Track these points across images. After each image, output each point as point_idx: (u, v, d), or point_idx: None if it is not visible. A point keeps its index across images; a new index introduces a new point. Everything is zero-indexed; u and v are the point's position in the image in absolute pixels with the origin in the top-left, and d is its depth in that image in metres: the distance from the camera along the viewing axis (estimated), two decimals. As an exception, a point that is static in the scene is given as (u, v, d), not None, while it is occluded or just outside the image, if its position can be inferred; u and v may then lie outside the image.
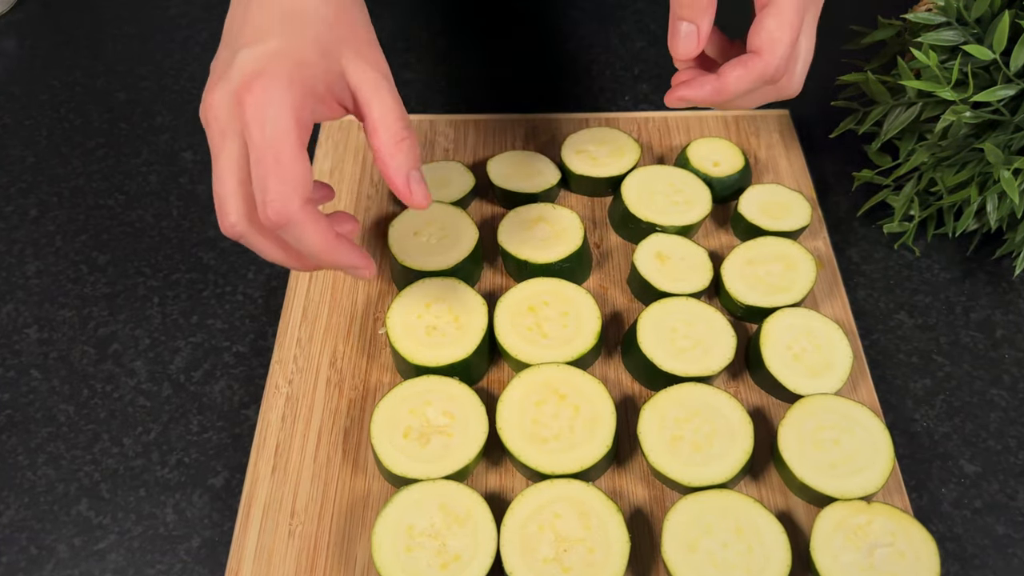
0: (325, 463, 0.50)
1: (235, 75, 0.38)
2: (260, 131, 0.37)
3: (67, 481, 0.51)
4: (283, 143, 0.37)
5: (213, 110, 0.39)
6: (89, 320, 0.59)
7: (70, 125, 0.72)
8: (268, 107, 0.37)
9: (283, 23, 0.40)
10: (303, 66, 0.39)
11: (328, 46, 0.41)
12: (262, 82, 0.38)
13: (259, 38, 0.39)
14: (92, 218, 0.65)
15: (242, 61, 0.39)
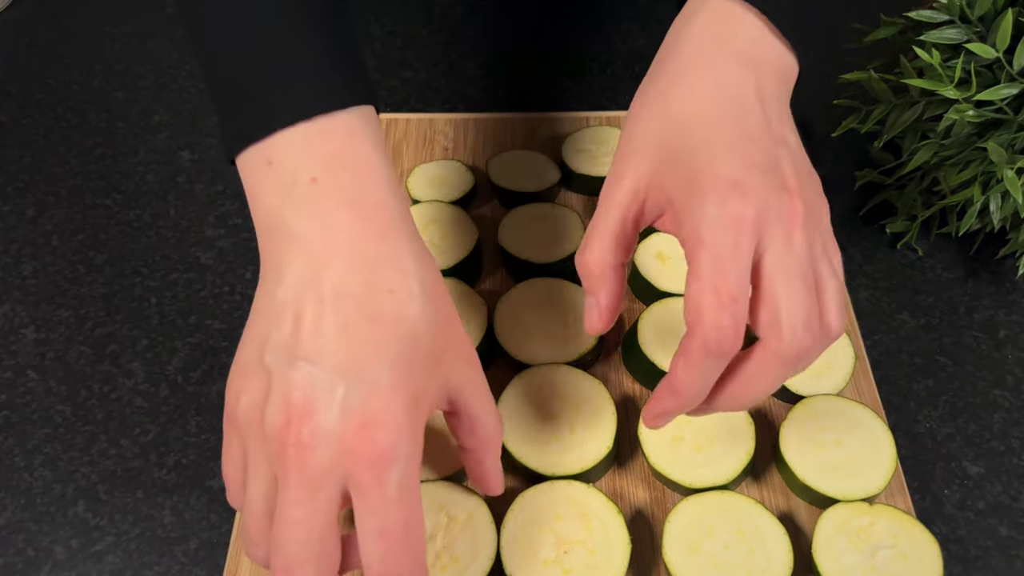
0: (324, 464, 0.50)
1: (340, 414, 0.31)
2: (382, 496, 0.31)
3: (64, 482, 0.51)
4: (410, 508, 0.32)
5: (308, 450, 0.31)
6: (86, 320, 0.59)
7: (67, 124, 0.72)
8: (394, 465, 0.31)
9: (390, 341, 0.33)
10: (419, 401, 0.33)
11: (435, 357, 0.34)
12: (385, 433, 0.31)
13: (364, 363, 0.32)
14: (89, 217, 0.65)
15: (351, 398, 0.32)
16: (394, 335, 0.33)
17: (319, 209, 0.34)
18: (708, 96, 0.37)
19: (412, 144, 0.67)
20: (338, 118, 0.35)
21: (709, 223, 0.34)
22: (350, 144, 0.35)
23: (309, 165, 0.34)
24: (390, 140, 0.68)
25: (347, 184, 0.34)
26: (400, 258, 0.34)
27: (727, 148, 0.36)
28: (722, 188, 0.34)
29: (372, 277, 0.33)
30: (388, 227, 0.35)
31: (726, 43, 0.38)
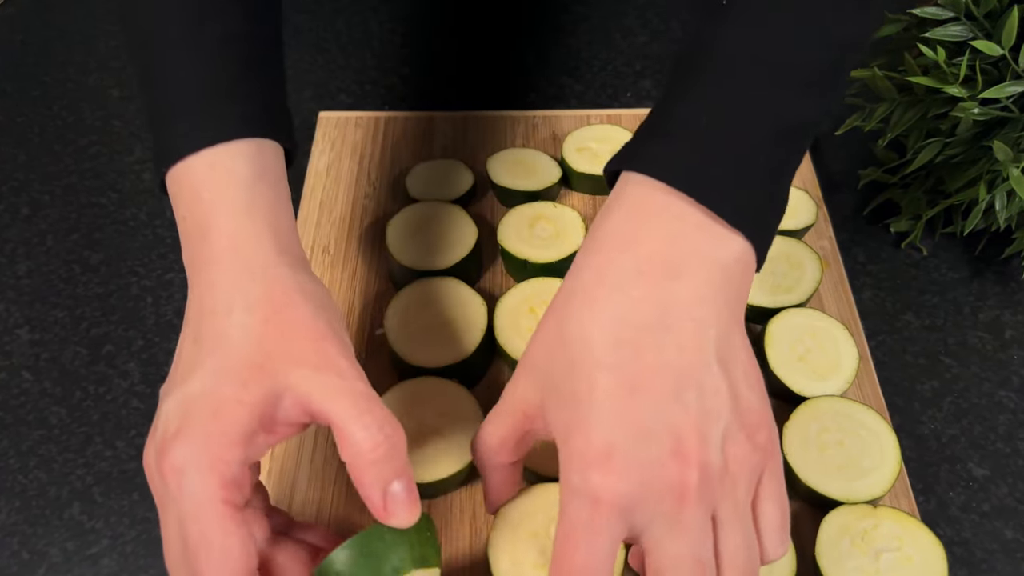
0: (322, 465, 0.50)
1: (158, 433, 0.34)
2: (179, 506, 0.32)
3: (59, 484, 0.51)
4: (204, 521, 0.32)
5: (148, 472, 0.34)
6: (81, 320, 0.59)
7: (62, 122, 0.72)
8: (184, 476, 0.32)
9: (207, 355, 0.34)
10: (222, 411, 0.33)
11: (256, 368, 0.34)
12: (178, 445, 0.32)
13: (183, 378, 0.35)
14: (84, 216, 0.65)
15: (164, 415, 0.34)
16: (209, 348, 0.35)
17: (185, 246, 0.38)
18: (600, 329, 0.33)
19: (411, 142, 0.67)
20: (204, 155, 0.37)
21: (567, 493, 0.32)
22: (209, 177, 0.37)
23: (181, 203, 0.38)
24: (389, 139, 0.68)
25: (199, 219, 0.37)
26: (230, 276, 0.36)
27: (606, 404, 0.32)
28: (588, 457, 0.32)
29: (203, 304, 0.36)
30: (227, 256, 0.36)
31: (637, 246, 0.34)
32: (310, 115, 0.71)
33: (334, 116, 0.69)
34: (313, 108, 0.72)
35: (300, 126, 0.72)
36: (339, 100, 0.74)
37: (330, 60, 0.78)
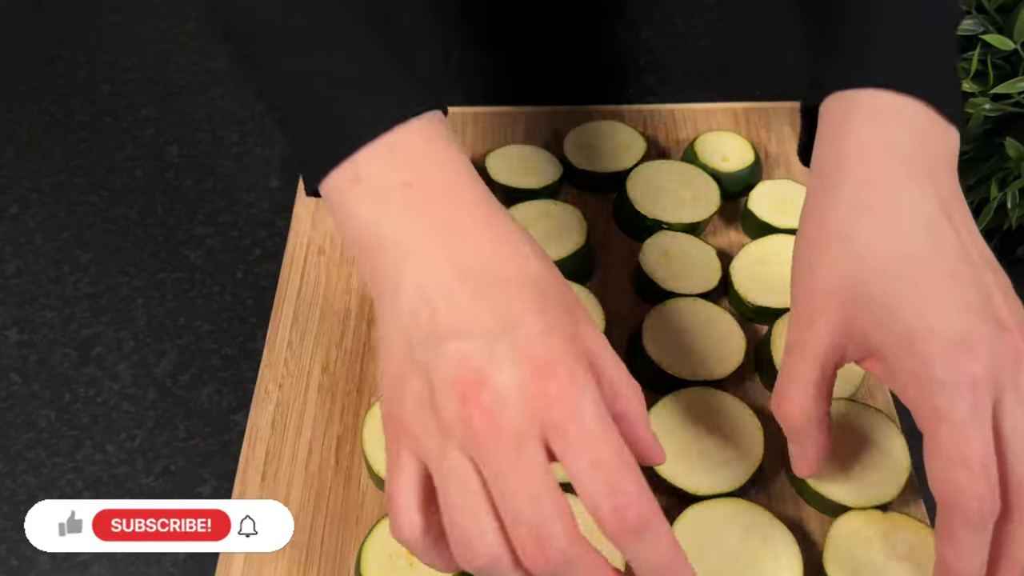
0: (317, 471, 0.50)
1: (511, 367, 0.31)
2: (581, 427, 0.31)
3: (48, 489, 0.51)
4: (611, 433, 0.31)
5: (493, 417, 0.30)
6: (71, 321, 0.59)
7: (51, 118, 0.72)
8: (581, 396, 0.31)
9: (525, 294, 0.33)
10: (579, 343, 0.33)
11: (572, 313, 0.34)
12: (564, 367, 0.31)
13: (511, 318, 0.32)
14: (74, 215, 0.65)
15: (514, 350, 0.31)
16: (527, 290, 0.33)
17: (418, 210, 0.35)
18: (897, 231, 0.36)
19: (408, 139, 0.67)
20: (414, 125, 0.36)
21: (942, 392, 0.34)
22: (429, 146, 0.36)
23: (398, 173, 0.35)
24: (386, 135, 0.68)
25: (436, 182, 0.35)
26: (507, 231, 0.35)
27: (936, 296, 0.35)
28: (947, 349, 0.34)
29: (488, 251, 0.34)
30: (486, 211, 0.36)
31: (898, 152, 0.37)
32: (305, 111, 0.71)
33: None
34: (308, 104, 0.72)
35: (295, 122, 0.72)
36: (335, 96, 0.74)
37: (326, 55, 0.78)
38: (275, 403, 0.53)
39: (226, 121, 0.72)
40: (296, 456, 0.51)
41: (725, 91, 0.73)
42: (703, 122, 0.68)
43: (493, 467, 0.31)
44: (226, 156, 0.69)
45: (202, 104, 0.73)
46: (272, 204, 0.66)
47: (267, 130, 0.71)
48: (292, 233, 0.61)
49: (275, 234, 0.64)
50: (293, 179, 0.65)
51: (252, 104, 0.73)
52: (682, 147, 0.66)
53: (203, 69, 0.76)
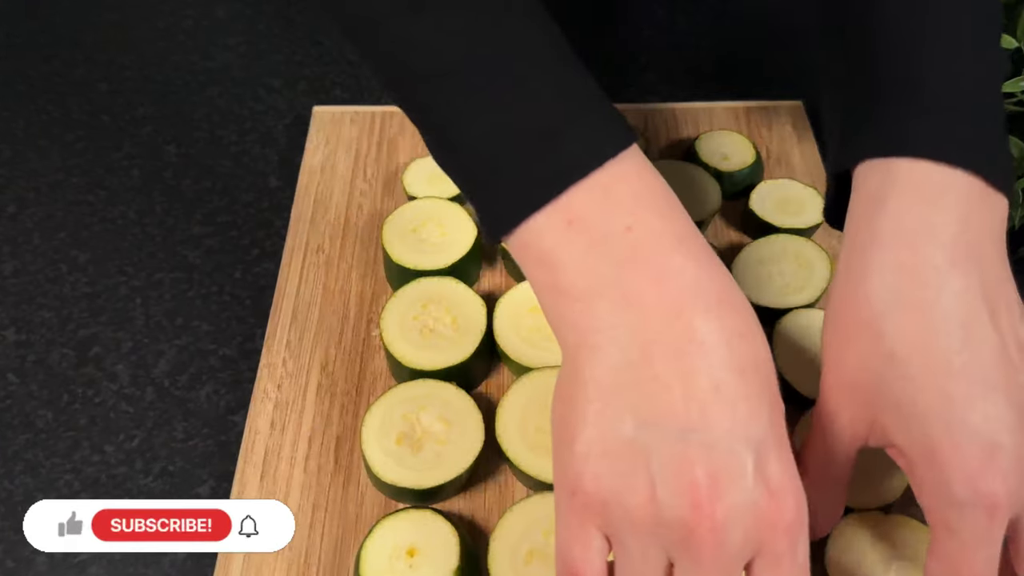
0: (316, 472, 0.50)
1: (750, 484, 0.29)
2: (793, 562, 0.30)
3: (45, 490, 0.51)
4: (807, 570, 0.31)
5: (720, 533, 0.29)
6: (68, 322, 0.59)
7: (48, 117, 0.72)
8: (802, 532, 0.30)
9: (762, 394, 0.31)
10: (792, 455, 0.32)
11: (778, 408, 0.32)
12: (794, 497, 0.30)
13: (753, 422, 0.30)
14: (71, 214, 0.65)
15: (756, 461, 0.30)
16: (761, 387, 0.31)
17: (644, 258, 0.31)
18: (933, 331, 0.33)
19: (408, 138, 0.68)
20: (624, 160, 0.33)
21: (959, 510, 0.32)
22: (646, 184, 0.33)
23: (619, 215, 0.32)
24: (385, 134, 0.68)
25: (663, 227, 0.32)
26: (734, 295, 0.32)
27: (965, 412, 0.32)
28: (970, 469, 0.32)
29: (722, 323, 0.31)
30: (711, 263, 0.32)
31: (940, 235, 0.34)
32: (304, 110, 0.71)
33: (329, 111, 0.69)
34: (307, 103, 0.72)
35: (294, 122, 0.72)
36: (334, 95, 0.74)
37: (324, 53, 0.78)
38: (274, 403, 0.53)
39: (225, 120, 0.72)
40: (295, 457, 0.51)
41: (726, 89, 0.73)
42: (704, 121, 0.69)
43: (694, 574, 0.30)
44: (225, 155, 0.69)
45: (200, 103, 0.73)
46: (271, 203, 0.66)
47: (266, 129, 0.71)
48: (291, 233, 0.61)
49: (274, 234, 0.64)
50: (292, 178, 0.65)
51: (251, 103, 0.73)
52: (683, 146, 0.67)
53: (201, 68, 0.76)
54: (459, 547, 0.44)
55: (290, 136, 0.71)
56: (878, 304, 0.35)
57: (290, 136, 0.71)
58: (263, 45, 0.79)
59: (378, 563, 0.44)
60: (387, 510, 0.48)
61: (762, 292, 0.55)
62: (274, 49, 0.78)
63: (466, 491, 0.49)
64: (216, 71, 0.76)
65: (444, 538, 0.45)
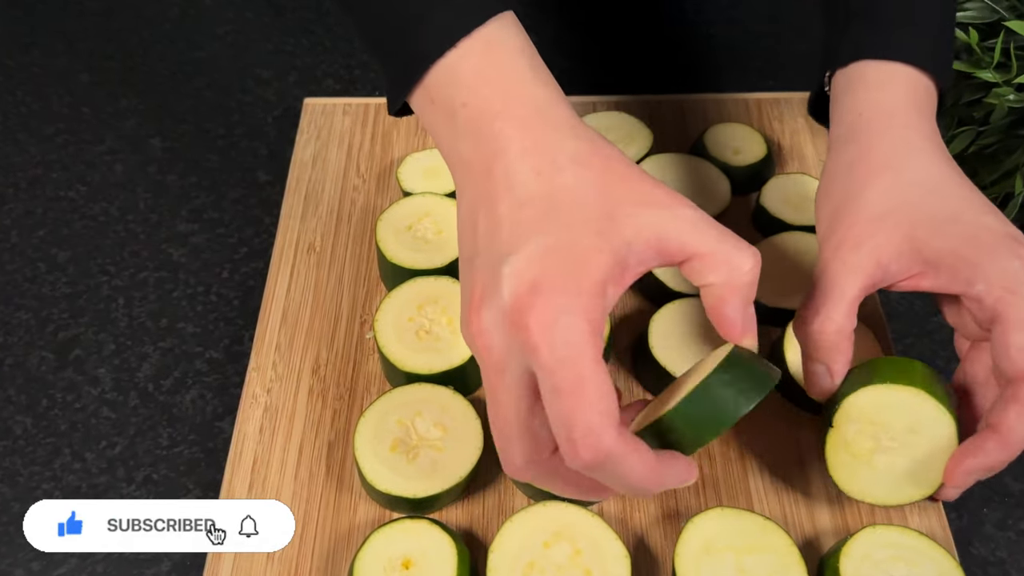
0: (307, 480, 0.50)
1: (505, 292, 0.35)
2: (551, 354, 0.34)
3: (24, 500, 0.51)
4: (581, 364, 0.34)
5: (484, 338, 0.35)
6: (48, 323, 0.59)
7: (27, 109, 0.72)
8: (555, 325, 0.34)
9: (542, 213, 0.36)
10: (582, 258, 0.35)
11: (605, 216, 0.36)
12: (544, 294, 0.34)
13: (520, 239, 0.36)
14: (51, 211, 0.65)
15: (509, 274, 0.35)
16: (543, 211, 0.36)
17: (473, 128, 0.38)
18: (940, 164, 0.45)
19: (403, 132, 0.68)
20: (476, 36, 0.39)
21: (1014, 276, 0.41)
22: (489, 59, 0.39)
23: (459, 92, 0.39)
24: (379, 127, 0.68)
25: (493, 98, 0.38)
26: (547, 141, 0.38)
27: (984, 207, 0.43)
28: (1008, 243, 0.41)
29: (518, 169, 0.37)
30: (536, 120, 0.38)
31: (924, 112, 0.46)
32: (294, 102, 0.71)
33: (320, 103, 0.70)
34: (298, 94, 0.72)
35: (284, 114, 0.72)
36: (326, 86, 0.74)
37: (316, 43, 0.78)
38: (263, 408, 0.53)
39: (212, 113, 0.72)
40: (285, 464, 0.51)
41: (736, 81, 0.73)
42: (713, 113, 0.69)
43: (486, 383, 0.36)
44: (212, 149, 0.69)
45: (187, 95, 0.73)
46: (260, 199, 0.66)
47: (255, 122, 0.71)
48: (280, 230, 0.61)
49: (263, 231, 0.64)
50: (282, 173, 0.65)
51: (239, 95, 0.73)
52: (691, 139, 0.67)
53: (187, 59, 0.76)
54: (456, 559, 0.44)
55: (280, 129, 0.71)
56: (895, 150, 0.45)
57: (280, 129, 0.71)
58: (252, 35, 0.79)
59: (373, 575, 0.44)
60: (381, 520, 0.48)
61: (774, 292, 0.55)
62: (263, 39, 0.78)
63: (464, 500, 0.49)
64: (203, 62, 0.76)
65: (441, 549, 0.45)
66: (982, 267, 0.41)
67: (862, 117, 0.47)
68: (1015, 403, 0.40)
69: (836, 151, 0.48)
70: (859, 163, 0.46)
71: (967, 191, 0.44)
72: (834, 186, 0.47)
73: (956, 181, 0.44)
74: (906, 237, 0.43)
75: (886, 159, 0.45)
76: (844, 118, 0.48)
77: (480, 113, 0.38)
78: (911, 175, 0.44)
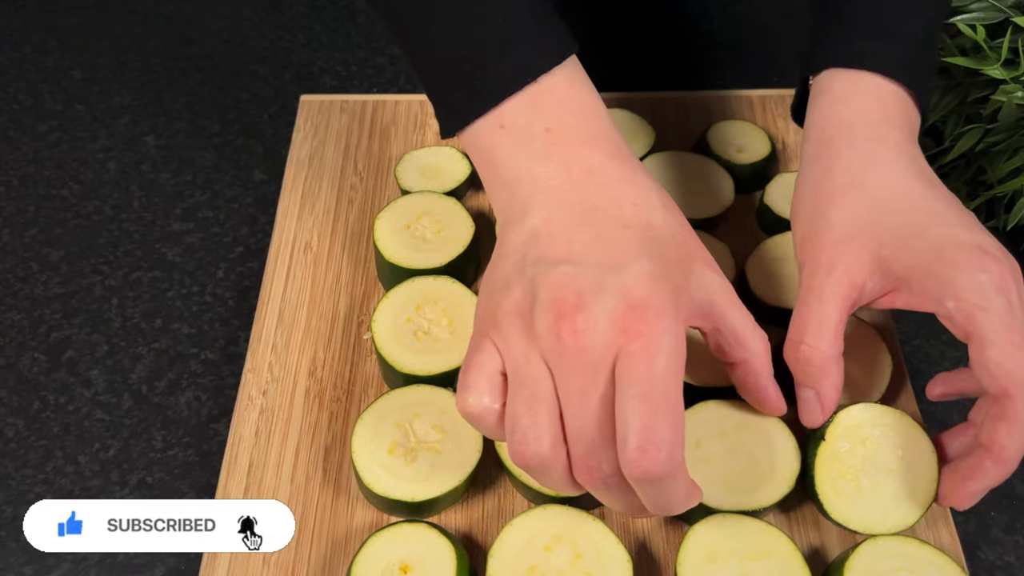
0: (304, 483, 0.50)
1: (612, 300, 0.36)
2: (649, 365, 0.35)
3: (16, 503, 0.51)
4: (674, 381, 0.36)
5: (582, 338, 0.36)
6: (40, 324, 0.59)
7: (19, 106, 0.72)
8: (662, 339, 0.36)
9: (643, 242, 0.39)
10: (679, 292, 0.38)
11: (687, 265, 0.40)
12: (655, 311, 0.36)
13: (624, 258, 0.38)
14: (44, 210, 0.65)
15: (620, 284, 0.37)
16: (645, 238, 0.39)
17: (557, 152, 0.40)
18: (906, 178, 0.44)
19: (401, 129, 0.68)
20: (557, 73, 0.41)
21: (981, 290, 0.40)
22: (572, 93, 0.42)
23: (541, 119, 0.41)
24: (377, 124, 0.68)
25: (578, 127, 0.41)
26: (637, 177, 0.41)
27: (952, 220, 0.43)
28: (975, 256, 0.41)
29: (616, 194, 0.40)
30: (620, 155, 0.41)
31: (893, 122, 0.46)
32: (291, 99, 0.72)
33: (317, 100, 0.70)
34: (294, 91, 0.72)
35: (280, 111, 0.72)
36: (323, 82, 0.74)
37: (312, 38, 0.78)
38: (259, 410, 0.53)
39: (207, 110, 0.72)
40: (281, 467, 0.51)
41: (740, 78, 0.74)
42: (716, 110, 0.69)
43: (568, 383, 0.36)
44: (206, 147, 0.69)
45: (181, 91, 0.73)
46: (255, 198, 0.66)
47: (250, 119, 0.71)
48: (277, 229, 0.61)
49: (259, 230, 0.64)
50: (278, 171, 0.65)
51: (235, 91, 0.73)
52: (693, 137, 0.67)
53: (182, 55, 0.76)
54: (455, 563, 0.44)
55: (276, 127, 0.71)
56: (856, 167, 0.45)
57: (276, 127, 0.71)
58: (248, 30, 0.79)
59: (369, 580, 0.44)
60: (379, 524, 0.48)
61: (778, 291, 0.55)
62: (259, 35, 0.78)
63: (463, 504, 0.49)
64: (198, 58, 0.76)
65: (440, 554, 0.45)
66: (950, 283, 0.41)
67: (824, 133, 0.47)
68: (1003, 421, 0.40)
69: (803, 170, 0.48)
70: (823, 183, 0.46)
71: (933, 203, 0.44)
72: (802, 209, 0.47)
73: (922, 193, 0.44)
74: (874, 257, 0.43)
75: (850, 177, 0.45)
76: (810, 134, 0.48)
77: (564, 139, 0.41)
78: (874, 192, 0.44)
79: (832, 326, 0.43)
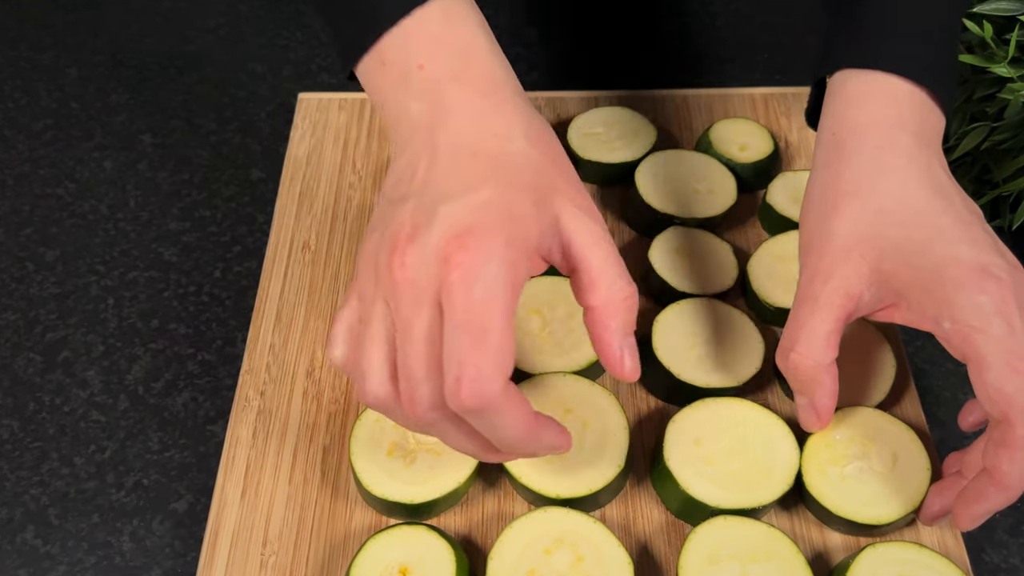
0: (301, 485, 0.50)
1: (439, 230, 0.36)
2: (466, 295, 0.35)
3: (11, 506, 0.51)
4: (494, 311, 0.35)
5: (407, 271, 0.36)
6: (36, 324, 0.59)
7: (14, 104, 0.72)
8: (482, 267, 0.35)
9: (489, 169, 0.38)
10: (518, 219, 0.37)
11: (541, 194, 0.39)
12: (476, 238, 0.36)
13: (464, 187, 0.37)
14: (39, 209, 0.65)
15: (447, 214, 0.36)
16: (493, 166, 0.39)
17: (429, 89, 0.40)
18: (914, 188, 0.43)
19: (400, 127, 0.68)
20: (433, 6, 0.41)
21: (980, 311, 0.39)
22: (447, 28, 0.41)
23: (415, 54, 0.41)
24: (375, 122, 0.68)
25: (452, 62, 0.41)
26: (505, 107, 0.41)
27: (956, 237, 0.42)
28: (976, 276, 0.40)
29: (477, 127, 0.40)
30: (491, 88, 0.41)
31: (907, 127, 0.45)
32: (288, 96, 0.71)
33: (315, 97, 0.69)
34: (292, 89, 0.72)
35: (278, 109, 0.72)
36: (321, 80, 0.74)
37: (311, 36, 0.78)
38: (256, 411, 0.53)
39: (203, 108, 0.72)
40: (279, 469, 0.51)
41: (742, 75, 0.73)
42: (719, 109, 0.69)
43: (398, 317, 0.37)
44: (203, 146, 0.69)
45: (178, 90, 0.73)
46: (253, 197, 0.66)
47: (248, 117, 0.71)
48: (274, 228, 0.61)
49: (256, 230, 0.64)
50: (276, 170, 0.65)
51: (232, 89, 0.73)
52: (696, 135, 0.67)
53: (178, 52, 0.76)
54: (455, 566, 0.44)
55: (274, 125, 0.71)
56: (863, 174, 0.44)
57: (274, 125, 0.71)
58: (245, 28, 0.79)
59: (368, 583, 0.44)
60: (378, 526, 0.48)
61: (781, 291, 0.55)
62: (257, 32, 0.78)
63: (463, 506, 0.49)
64: (195, 55, 0.76)
65: (439, 556, 0.45)
66: (948, 303, 0.40)
67: (836, 137, 0.46)
68: (1004, 448, 0.40)
69: (813, 176, 0.47)
70: (830, 190, 0.45)
71: (940, 217, 0.43)
72: (809, 215, 0.46)
73: (930, 206, 0.43)
74: (873, 269, 0.43)
75: (856, 185, 0.44)
76: (822, 137, 0.47)
77: (437, 75, 0.41)
78: (879, 202, 0.43)
79: (824, 335, 0.43)
